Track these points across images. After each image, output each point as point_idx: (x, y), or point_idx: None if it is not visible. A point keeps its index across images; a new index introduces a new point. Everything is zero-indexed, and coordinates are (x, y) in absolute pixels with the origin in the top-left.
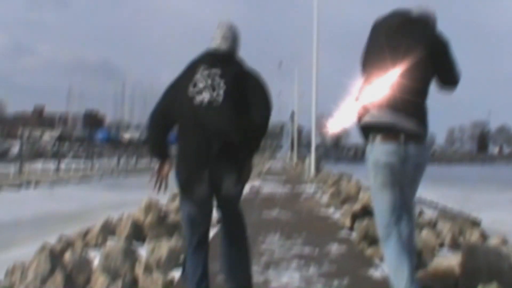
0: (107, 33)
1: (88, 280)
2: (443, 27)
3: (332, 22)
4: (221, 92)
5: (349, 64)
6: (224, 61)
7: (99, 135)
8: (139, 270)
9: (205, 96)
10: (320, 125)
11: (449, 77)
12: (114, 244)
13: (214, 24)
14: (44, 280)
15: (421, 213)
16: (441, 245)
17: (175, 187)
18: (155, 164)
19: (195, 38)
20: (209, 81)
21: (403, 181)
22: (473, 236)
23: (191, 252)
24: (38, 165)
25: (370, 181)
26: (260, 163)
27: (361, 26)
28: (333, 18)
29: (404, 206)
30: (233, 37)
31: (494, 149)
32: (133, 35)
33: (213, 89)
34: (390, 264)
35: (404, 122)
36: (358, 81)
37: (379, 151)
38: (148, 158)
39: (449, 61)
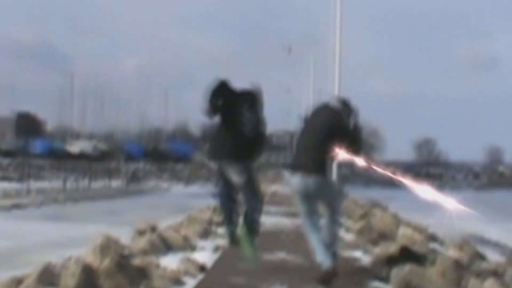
0: (48, 4)
1: None
2: None
3: None
4: None
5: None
6: None
7: (38, 146)
8: None
9: None
10: None
11: (351, 147)
12: None
13: (186, 6)
14: None
15: (483, 258)
16: None
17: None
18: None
19: (165, 21)
20: None
21: (310, 197)
22: None
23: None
24: None
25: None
26: (262, 186)
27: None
28: None
29: (317, 213)
30: None
31: None
32: (86, 12)
33: None
34: (313, 247)
35: (308, 165)
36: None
37: (294, 179)
38: (106, 178)
39: (349, 137)
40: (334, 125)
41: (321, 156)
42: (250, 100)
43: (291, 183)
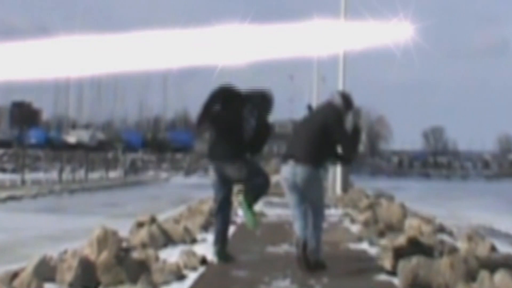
0: None
1: None
2: None
3: None
4: None
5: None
6: None
7: (33, 136)
8: None
9: None
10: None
11: (342, 148)
12: None
13: None
14: None
15: (493, 249)
16: None
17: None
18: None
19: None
20: None
21: (297, 187)
22: None
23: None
24: None
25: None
26: None
27: None
28: None
29: (305, 203)
30: None
31: None
32: None
33: None
34: (297, 234)
35: (299, 154)
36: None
37: (284, 168)
38: (104, 169)
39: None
40: (332, 122)
41: (313, 149)
42: (255, 102)
43: (281, 171)
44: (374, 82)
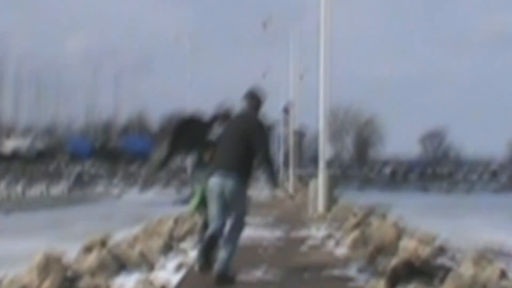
0: None
1: None
2: None
3: None
4: None
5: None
6: None
7: None
8: None
9: None
10: (335, 124)
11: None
12: None
13: None
14: None
15: (503, 274)
16: None
17: None
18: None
19: None
20: None
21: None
22: None
23: None
24: None
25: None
26: None
27: None
28: None
29: (226, 213)
30: None
31: None
32: None
33: None
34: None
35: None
36: None
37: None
38: (45, 182)
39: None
40: (244, 128)
41: (237, 158)
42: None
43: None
44: (364, 77)
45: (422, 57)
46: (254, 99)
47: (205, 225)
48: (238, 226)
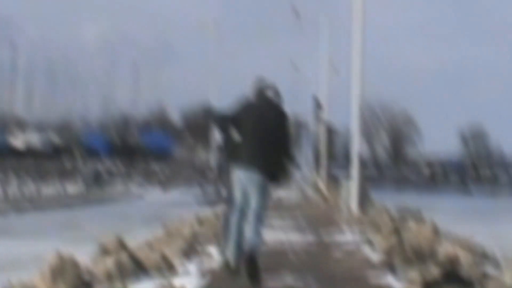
0: None
1: None
2: None
3: None
4: None
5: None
6: None
7: None
8: None
9: None
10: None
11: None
12: None
13: None
14: None
15: None
16: None
17: None
18: None
19: None
20: None
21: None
22: None
23: None
24: None
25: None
26: None
27: None
28: None
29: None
30: None
31: None
32: None
33: None
34: (231, 229)
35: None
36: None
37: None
38: (60, 180)
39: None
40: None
41: (263, 152)
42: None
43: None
44: (399, 70)
45: (460, 49)
46: (276, 94)
47: (226, 221)
48: (259, 219)
